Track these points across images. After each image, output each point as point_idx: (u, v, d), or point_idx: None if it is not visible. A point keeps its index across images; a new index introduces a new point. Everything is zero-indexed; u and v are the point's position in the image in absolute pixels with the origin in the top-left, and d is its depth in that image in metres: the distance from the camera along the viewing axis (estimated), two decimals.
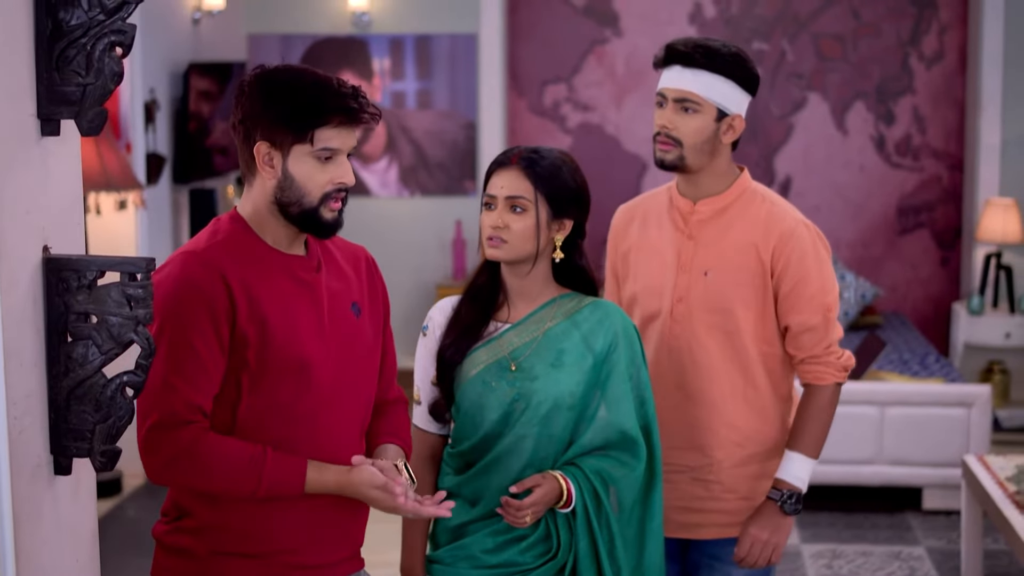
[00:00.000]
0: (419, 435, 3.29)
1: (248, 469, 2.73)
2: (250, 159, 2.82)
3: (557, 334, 3.18)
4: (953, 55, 8.92)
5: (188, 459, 2.71)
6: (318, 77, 2.80)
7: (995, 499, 5.12)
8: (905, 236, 9.06)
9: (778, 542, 3.54)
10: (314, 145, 2.77)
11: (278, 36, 8.84)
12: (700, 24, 8.97)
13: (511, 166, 3.17)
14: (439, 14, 8.80)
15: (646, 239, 3.68)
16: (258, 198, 2.84)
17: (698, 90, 3.49)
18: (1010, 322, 8.30)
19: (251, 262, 2.81)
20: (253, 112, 2.79)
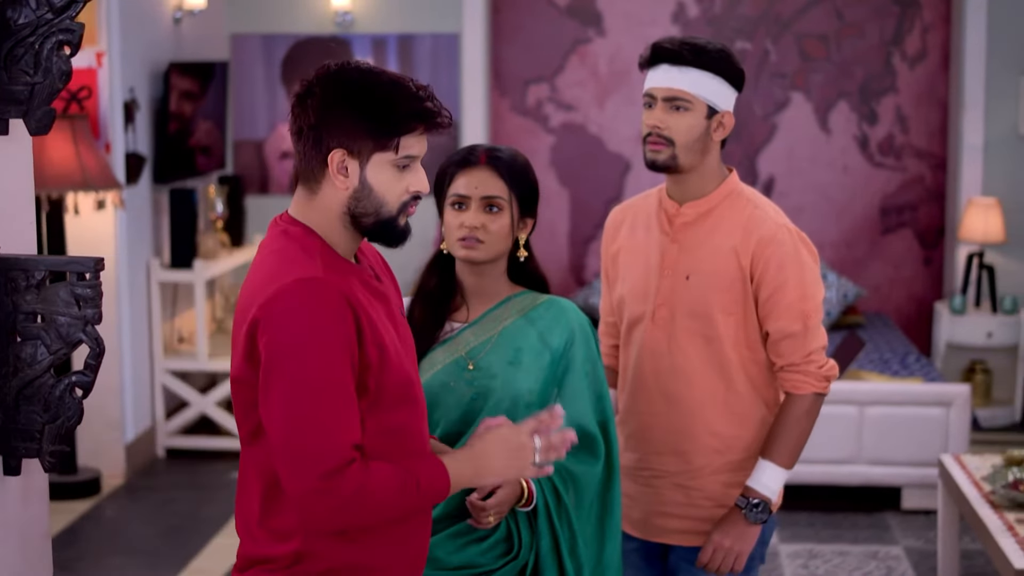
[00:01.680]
0: None
1: (408, 486, 2.59)
2: (319, 167, 2.63)
3: (513, 332, 3.17)
4: (936, 55, 8.92)
5: (365, 498, 2.55)
6: (395, 79, 2.63)
7: (970, 499, 5.12)
8: (888, 236, 9.06)
9: (741, 550, 3.51)
10: (398, 153, 2.62)
11: (260, 36, 8.83)
12: (683, 24, 8.96)
13: (481, 165, 3.15)
14: (422, 14, 8.79)
15: (634, 241, 3.65)
16: (328, 207, 2.65)
17: (688, 88, 3.47)
18: (992, 322, 8.30)
19: (348, 280, 2.64)
20: (327, 118, 2.60)
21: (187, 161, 7.95)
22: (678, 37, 3.55)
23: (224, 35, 8.81)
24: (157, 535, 6.50)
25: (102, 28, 6.98)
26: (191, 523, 6.63)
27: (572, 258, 9.18)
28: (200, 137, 8.13)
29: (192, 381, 8.08)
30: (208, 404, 7.68)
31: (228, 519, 6.65)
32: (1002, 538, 4.71)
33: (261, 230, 8.76)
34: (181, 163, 7.86)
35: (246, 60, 8.86)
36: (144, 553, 6.28)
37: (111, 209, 7.00)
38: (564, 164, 9.11)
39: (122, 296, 7.20)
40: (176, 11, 7.95)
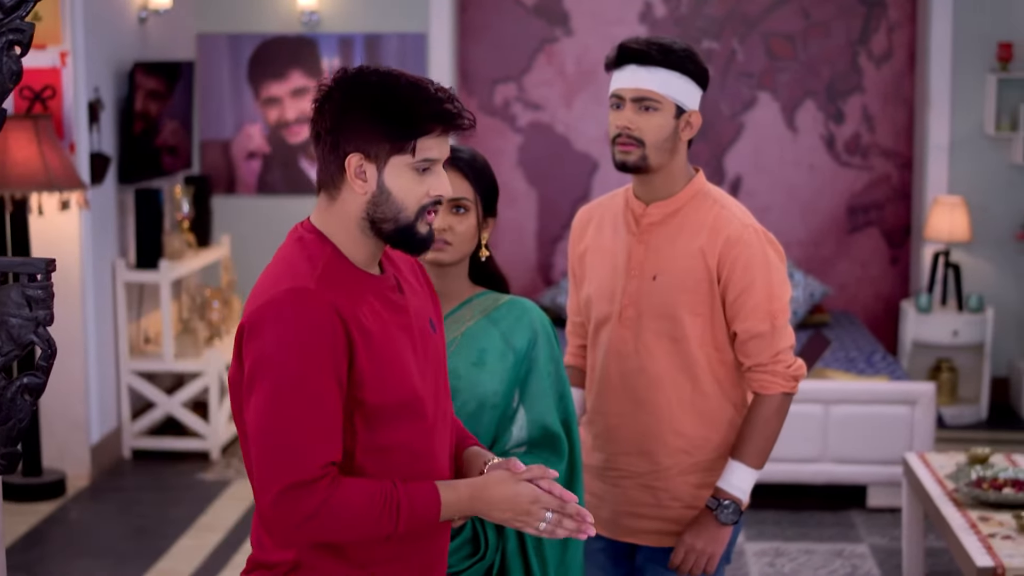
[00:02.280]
0: None
1: (385, 509, 2.53)
2: (337, 172, 2.59)
3: (476, 333, 3.15)
4: (902, 54, 8.95)
5: (326, 515, 2.50)
6: (413, 81, 2.58)
7: (934, 497, 5.14)
8: (855, 235, 9.08)
9: (713, 552, 3.51)
10: (415, 156, 2.57)
11: (227, 35, 8.80)
12: (650, 23, 8.97)
13: (448, 168, 3.10)
14: (389, 13, 8.78)
15: (600, 241, 3.65)
16: (346, 213, 2.61)
17: (657, 88, 3.47)
18: (958, 320, 8.33)
19: (354, 291, 2.59)
20: (344, 121, 2.56)
21: (153, 161, 7.92)
22: (643, 37, 3.55)
23: (190, 35, 8.78)
24: (123, 537, 6.48)
25: (66, 27, 6.95)
26: (157, 525, 6.60)
27: (540, 258, 9.18)
28: (166, 137, 8.10)
29: (158, 382, 8.05)
30: (174, 405, 7.65)
31: (194, 520, 6.63)
32: (965, 536, 4.73)
33: (227, 230, 8.74)
34: (147, 163, 7.83)
35: (212, 60, 8.83)
36: (110, 555, 6.25)
37: (75, 209, 6.98)
38: (532, 164, 9.11)
39: (87, 297, 7.17)
40: (141, 10, 7.92)
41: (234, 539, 6.40)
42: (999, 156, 8.61)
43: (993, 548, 4.60)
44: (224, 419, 7.73)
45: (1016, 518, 4.78)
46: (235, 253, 8.78)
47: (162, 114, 8.00)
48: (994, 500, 4.98)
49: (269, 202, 8.92)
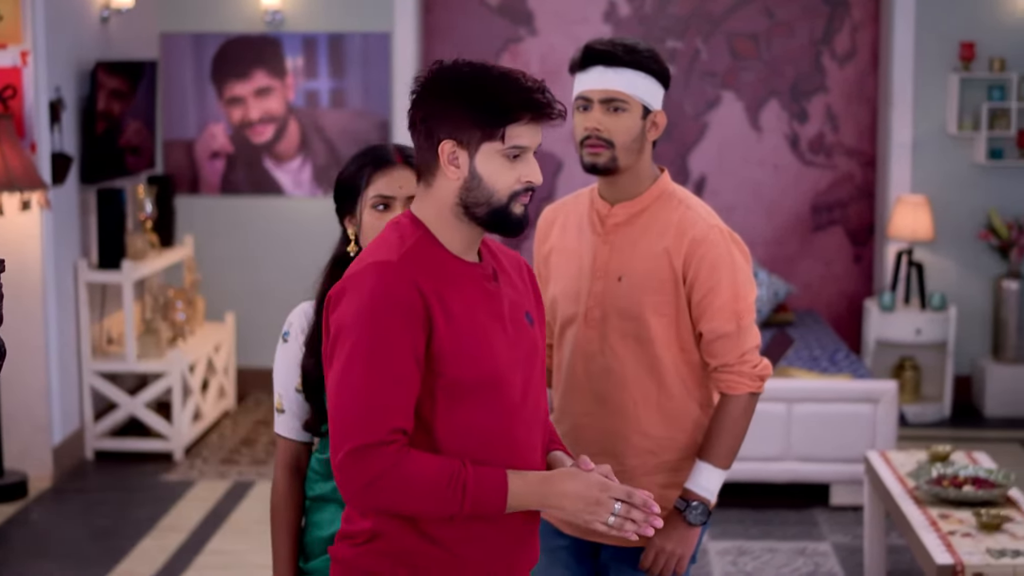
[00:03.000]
0: (283, 444, 3.19)
1: (450, 487, 2.62)
2: (432, 159, 2.73)
3: None
4: (865, 54, 8.98)
5: (390, 481, 2.60)
6: (504, 72, 2.70)
7: (895, 495, 5.16)
8: (819, 233, 9.11)
9: (683, 553, 3.50)
10: (504, 143, 2.68)
11: (190, 35, 8.77)
12: (615, 23, 8.98)
13: (400, 165, 3.12)
14: (352, 13, 8.76)
15: (565, 242, 3.64)
16: (441, 199, 2.74)
17: (624, 88, 3.47)
18: (921, 318, 8.36)
19: (441, 272, 2.71)
20: (437, 110, 2.70)
21: (116, 161, 7.89)
22: (607, 38, 3.55)
23: (153, 34, 8.75)
24: (85, 538, 6.45)
25: (27, 27, 6.92)
26: (119, 526, 6.58)
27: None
28: (129, 137, 8.07)
29: (121, 383, 8.01)
30: (137, 406, 7.62)
31: (156, 522, 6.60)
32: (925, 533, 4.75)
33: (190, 230, 8.71)
34: (109, 163, 7.79)
35: (176, 59, 8.80)
36: (72, 556, 6.22)
37: (37, 210, 6.94)
38: None
39: (49, 297, 7.13)
40: (103, 10, 7.88)
41: (196, 540, 6.38)
42: (962, 155, 8.64)
43: (953, 546, 4.62)
44: (187, 420, 7.70)
45: (976, 516, 4.80)
46: (198, 253, 8.75)
47: (125, 114, 7.97)
48: (954, 498, 5.00)
49: (233, 202, 8.89)
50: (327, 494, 3.15)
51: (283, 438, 3.19)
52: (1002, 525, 4.76)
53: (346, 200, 3.16)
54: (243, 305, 8.78)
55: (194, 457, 7.63)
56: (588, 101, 3.50)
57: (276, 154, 8.87)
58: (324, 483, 3.16)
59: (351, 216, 3.15)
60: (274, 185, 8.85)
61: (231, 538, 6.39)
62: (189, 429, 7.75)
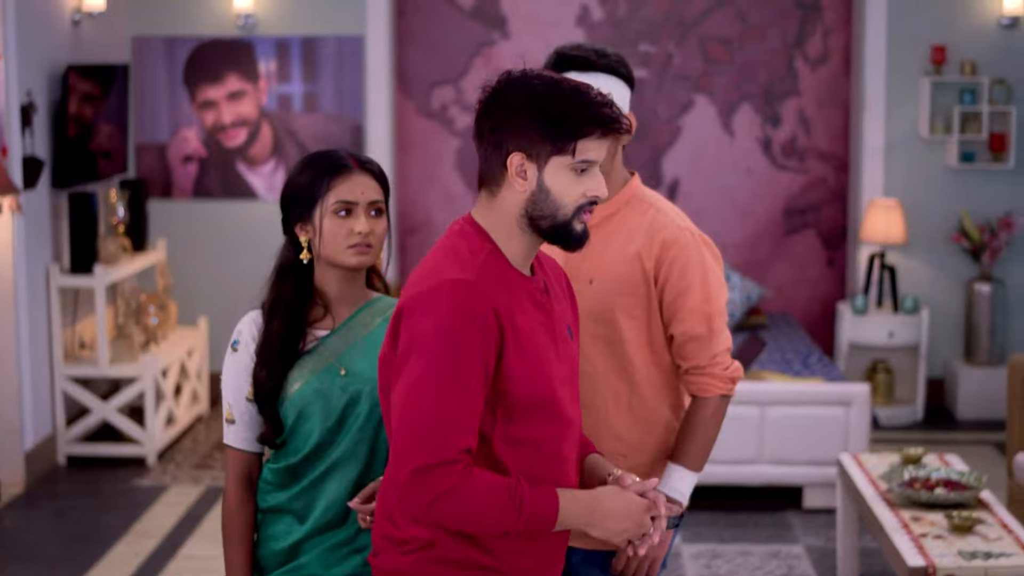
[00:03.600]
0: (234, 456, 3.18)
1: (509, 505, 2.66)
2: (499, 170, 2.74)
3: (378, 337, 3.15)
4: (837, 57, 9.00)
5: (454, 500, 2.63)
6: (575, 85, 2.73)
7: (867, 497, 5.17)
8: (792, 237, 9.13)
9: (656, 556, 3.48)
10: (575, 157, 2.71)
11: (162, 38, 8.75)
12: (588, 27, 8.99)
13: (357, 171, 3.11)
14: (325, 16, 8.75)
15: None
16: (506, 210, 2.76)
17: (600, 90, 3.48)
18: (893, 321, 8.39)
19: (508, 289, 2.75)
20: (506, 122, 2.71)
21: (88, 165, 7.86)
22: (577, 43, 3.55)
23: (125, 37, 8.72)
24: (57, 544, 6.42)
25: None
26: (92, 531, 6.55)
27: None
28: (101, 141, 8.04)
29: (93, 387, 7.98)
30: (110, 411, 7.59)
31: (129, 527, 6.58)
32: (897, 536, 4.76)
33: (163, 234, 8.69)
34: (81, 167, 7.76)
35: (148, 63, 8.78)
36: (44, 562, 6.19)
37: (8, 214, 6.91)
38: (470, 167, 9.10)
39: (20, 302, 7.10)
40: (75, 13, 7.85)
41: (170, 545, 6.36)
42: (934, 158, 8.68)
43: (925, 548, 4.64)
44: (160, 425, 7.67)
45: (948, 518, 4.82)
46: (171, 257, 8.72)
47: (97, 117, 7.94)
48: (926, 500, 5.02)
49: (205, 206, 8.87)
50: (282, 504, 3.15)
51: (234, 449, 3.18)
52: (974, 527, 4.78)
53: (299, 208, 3.13)
54: (216, 309, 8.76)
55: (167, 462, 7.61)
56: None
57: (249, 158, 8.85)
58: (279, 493, 3.15)
59: (303, 223, 3.13)
60: (247, 189, 8.83)
61: (204, 543, 6.38)
62: (162, 434, 7.72)
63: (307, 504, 3.13)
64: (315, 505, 3.12)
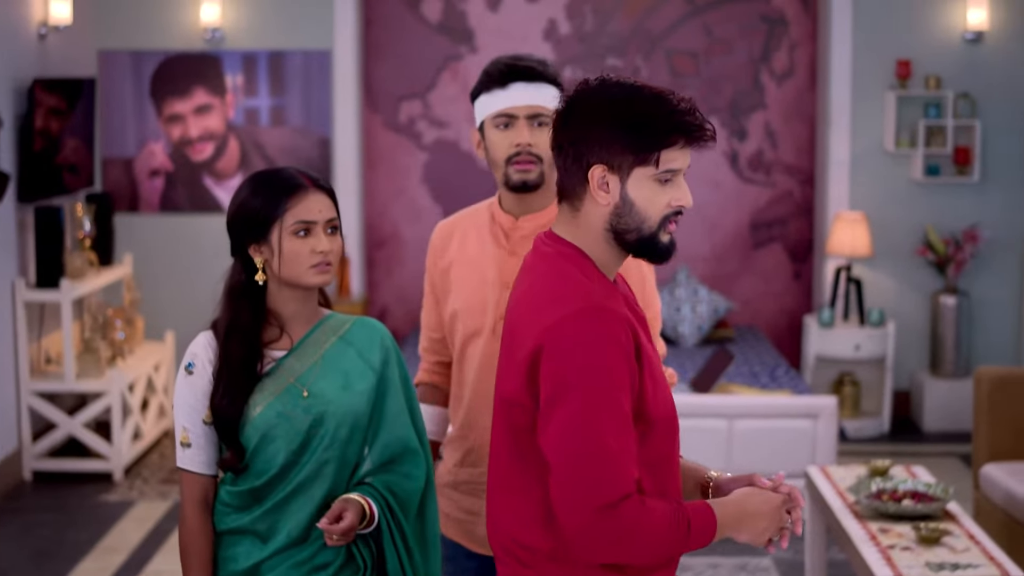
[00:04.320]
0: (191, 479, 3.12)
1: (678, 528, 2.56)
2: (580, 183, 2.64)
3: (335, 355, 3.12)
4: (803, 72, 9.05)
5: (641, 533, 2.53)
6: (656, 93, 2.61)
7: (835, 509, 5.19)
8: (759, 250, 9.16)
9: None
10: (659, 167, 2.60)
11: (128, 52, 8.73)
12: (555, 41, 9.01)
13: (313, 189, 3.07)
14: (293, 30, 8.74)
15: (465, 255, 3.63)
16: (590, 224, 2.67)
17: (545, 102, 3.50)
18: (860, 334, 8.43)
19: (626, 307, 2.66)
20: (585, 133, 2.62)
21: (54, 179, 7.83)
22: (518, 55, 3.56)
23: (91, 51, 8.69)
24: (23, 559, 6.38)
25: None
26: (58, 547, 6.52)
27: None
28: (67, 155, 8.01)
29: (60, 403, 7.95)
30: (76, 426, 7.55)
31: (95, 543, 6.55)
32: (864, 547, 4.78)
33: (129, 249, 8.66)
34: (48, 181, 7.73)
35: (114, 77, 8.75)
36: None
37: None
38: (437, 181, 9.11)
39: None
40: (41, 27, 7.83)
41: (136, 561, 6.33)
42: (899, 172, 8.72)
43: (892, 559, 4.65)
44: (127, 439, 7.64)
45: (915, 530, 4.84)
46: (138, 272, 8.70)
47: (63, 131, 7.91)
48: (894, 512, 5.03)
49: (172, 220, 8.85)
50: (244, 526, 3.11)
51: (190, 473, 3.12)
52: (941, 539, 4.80)
53: (253, 230, 3.07)
54: (183, 324, 8.73)
55: (134, 477, 7.58)
56: (512, 117, 3.50)
57: (216, 172, 8.83)
58: (239, 515, 3.12)
59: (257, 245, 3.08)
60: (214, 203, 8.81)
61: (171, 558, 6.35)
62: (129, 449, 7.69)
63: (271, 526, 3.09)
64: (279, 527, 3.09)
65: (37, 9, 7.80)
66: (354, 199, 8.80)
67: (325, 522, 3.00)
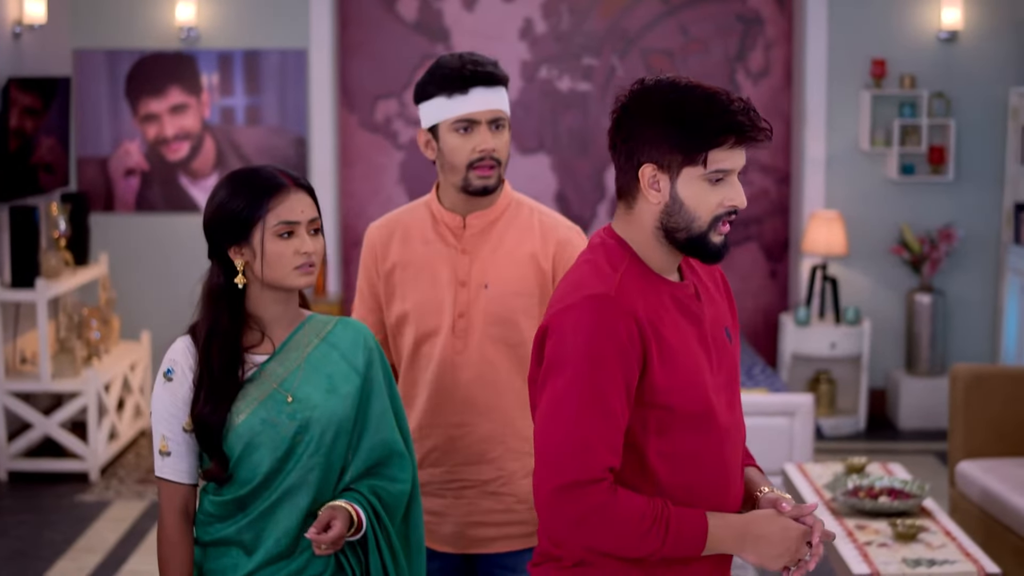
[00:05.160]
0: (170, 489, 3.04)
1: (654, 528, 2.56)
2: (632, 182, 2.67)
3: (319, 358, 3.06)
4: (779, 71, 9.07)
5: (599, 520, 2.56)
6: (708, 91, 2.62)
7: None
8: (735, 249, 9.18)
9: None
10: (707, 167, 2.61)
11: (104, 51, 8.70)
12: (531, 40, 9.01)
13: (295, 189, 3.01)
14: (268, 29, 8.73)
15: (412, 256, 3.59)
16: (642, 222, 2.70)
17: (503, 106, 3.52)
18: (835, 332, 8.45)
19: (652, 298, 2.66)
20: (637, 132, 2.64)
21: (29, 178, 7.80)
22: (456, 55, 3.53)
23: (66, 50, 8.67)
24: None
25: None
26: (34, 547, 6.50)
27: None
28: (42, 154, 7.98)
29: (35, 402, 7.92)
30: (52, 426, 7.53)
31: (72, 543, 6.53)
32: (842, 544, 4.80)
33: (105, 248, 8.63)
34: (23, 180, 7.70)
35: (89, 76, 8.73)
36: None
37: None
38: (413, 180, 9.10)
39: None
40: (16, 25, 7.80)
41: (113, 561, 6.32)
42: (874, 171, 8.75)
43: (869, 556, 4.67)
44: (103, 439, 7.62)
45: (892, 526, 4.86)
46: (113, 271, 8.67)
47: (38, 131, 7.88)
48: (870, 509, 5.06)
49: (148, 220, 8.83)
50: (229, 536, 3.04)
51: (170, 482, 3.05)
52: (917, 535, 4.82)
53: (233, 231, 3.00)
54: (159, 324, 8.71)
55: (110, 477, 7.56)
56: (474, 123, 3.49)
57: (192, 171, 8.81)
58: (223, 526, 3.05)
59: (238, 247, 3.01)
60: (190, 202, 8.79)
61: (148, 558, 6.33)
62: (105, 449, 7.67)
63: (256, 535, 3.02)
64: (265, 536, 3.02)
65: (12, 8, 7.77)
66: (330, 198, 8.79)
67: (313, 532, 2.93)
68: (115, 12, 8.71)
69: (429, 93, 3.53)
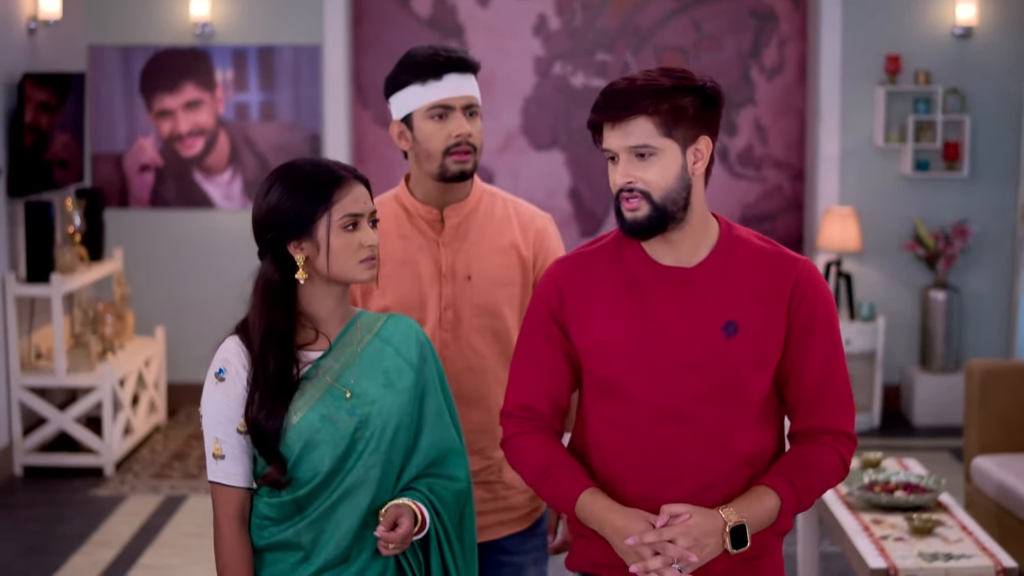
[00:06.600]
0: (226, 493, 2.95)
1: (542, 478, 2.95)
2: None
3: (372, 353, 3.00)
4: (793, 67, 9.06)
5: (509, 449, 3.04)
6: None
7: (827, 501, 5.20)
8: None
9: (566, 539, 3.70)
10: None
11: (118, 47, 8.71)
12: (544, 36, 9.01)
13: (355, 181, 2.98)
14: (282, 25, 8.74)
15: (390, 252, 3.55)
16: None
17: (476, 93, 3.53)
18: (849, 329, 8.44)
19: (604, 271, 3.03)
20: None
21: (44, 174, 7.81)
22: (427, 46, 3.53)
23: (81, 46, 8.68)
24: (14, 554, 6.37)
25: None
26: (49, 542, 6.51)
27: None
28: (57, 150, 8.00)
29: (50, 397, 7.94)
30: (67, 421, 7.54)
31: (87, 537, 6.54)
32: (858, 538, 4.79)
33: (120, 244, 8.65)
34: (37, 176, 7.72)
35: (104, 72, 8.74)
36: (1, 573, 6.15)
37: None
38: None
39: None
40: (31, 21, 7.82)
41: (128, 555, 6.32)
42: (888, 167, 8.74)
43: (886, 550, 4.66)
44: (118, 434, 7.63)
45: (908, 520, 4.85)
46: (128, 267, 8.69)
47: (53, 126, 7.90)
48: (886, 503, 5.05)
49: (162, 216, 8.84)
50: (287, 539, 2.96)
51: (225, 487, 2.96)
52: (934, 529, 4.81)
53: (294, 226, 2.94)
54: (173, 319, 8.73)
55: (125, 472, 7.57)
56: (449, 109, 3.48)
57: (206, 167, 8.82)
58: (280, 528, 2.97)
59: (299, 242, 2.94)
60: (204, 198, 8.80)
61: (163, 553, 6.35)
62: (120, 444, 7.68)
63: (316, 537, 2.94)
64: (325, 538, 2.95)
65: (27, 4, 7.78)
66: None
67: (382, 529, 2.86)
68: (130, 8, 8.72)
69: (403, 82, 3.51)
